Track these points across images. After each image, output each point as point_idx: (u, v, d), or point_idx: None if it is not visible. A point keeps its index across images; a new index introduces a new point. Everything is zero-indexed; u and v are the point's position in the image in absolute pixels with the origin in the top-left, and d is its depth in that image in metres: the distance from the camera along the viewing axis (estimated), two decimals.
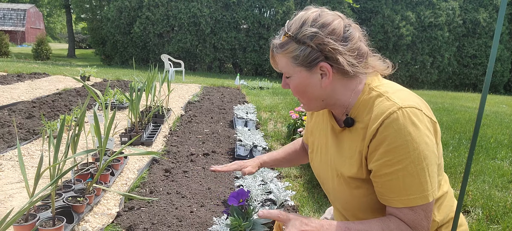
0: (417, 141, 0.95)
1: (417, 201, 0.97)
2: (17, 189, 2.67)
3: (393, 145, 0.96)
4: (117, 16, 16.77)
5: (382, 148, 0.98)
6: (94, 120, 2.40)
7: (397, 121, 0.96)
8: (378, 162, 0.99)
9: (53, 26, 48.87)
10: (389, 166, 0.97)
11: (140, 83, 4.77)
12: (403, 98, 1.01)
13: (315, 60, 1.04)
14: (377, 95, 1.05)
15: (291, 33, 1.06)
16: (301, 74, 1.07)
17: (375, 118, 1.00)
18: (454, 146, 4.59)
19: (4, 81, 7.38)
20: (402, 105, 0.98)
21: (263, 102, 7.31)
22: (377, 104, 1.03)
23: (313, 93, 1.10)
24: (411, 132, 0.95)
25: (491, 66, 0.98)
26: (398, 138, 0.95)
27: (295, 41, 1.05)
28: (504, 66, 19.09)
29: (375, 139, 0.99)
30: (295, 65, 1.07)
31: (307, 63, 1.05)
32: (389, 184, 0.99)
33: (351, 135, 1.10)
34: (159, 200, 2.56)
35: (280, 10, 16.56)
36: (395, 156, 0.96)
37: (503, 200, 2.96)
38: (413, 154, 0.95)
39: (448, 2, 18.23)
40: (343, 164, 1.11)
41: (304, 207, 2.69)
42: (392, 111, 0.97)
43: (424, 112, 1.00)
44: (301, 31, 1.04)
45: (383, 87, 1.07)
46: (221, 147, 4.03)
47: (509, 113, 7.96)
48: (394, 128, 0.96)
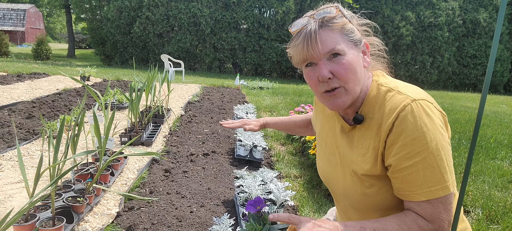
0: (433, 132, 0.95)
1: (439, 193, 0.95)
2: (17, 189, 2.67)
3: (411, 137, 0.95)
4: (117, 16, 16.77)
5: (400, 142, 0.97)
6: (93, 120, 2.40)
7: (412, 112, 0.96)
8: (396, 156, 0.98)
9: (53, 26, 48.87)
10: (408, 159, 0.96)
11: (140, 83, 4.77)
12: (414, 91, 1.01)
13: (360, 38, 1.07)
14: (387, 90, 1.05)
15: (340, 8, 1.06)
16: (353, 50, 1.04)
17: (390, 112, 0.99)
18: (454, 146, 4.59)
19: (4, 81, 7.38)
20: (415, 97, 0.98)
21: (263, 102, 7.31)
22: (389, 99, 1.02)
23: (360, 75, 1.06)
24: (427, 123, 0.95)
25: (491, 66, 0.98)
26: (415, 130, 0.95)
27: (344, 16, 1.05)
28: (504, 66, 19.09)
29: (391, 133, 0.98)
30: (348, 40, 1.04)
31: (357, 39, 1.06)
32: (409, 178, 0.97)
33: (363, 132, 1.09)
34: (159, 200, 2.56)
35: (280, 10, 16.56)
36: (414, 148, 0.95)
37: (503, 200, 2.96)
38: (431, 145, 0.94)
39: (448, 2, 18.23)
40: (356, 162, 1.10)
41: (304, 207, 2.69)
42: (406, 104, 0.97)
43: (435, 105, 1.01)
44: (345, 11, 1.07)
45: (391, 83, 1.07)
46: (221, 147, 4.03)
47: (509, 113, 7.96)
48: (410, 120, 0.95)
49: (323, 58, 1.02)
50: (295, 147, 4.29)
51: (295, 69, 16.47)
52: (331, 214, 1.56)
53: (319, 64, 1.03)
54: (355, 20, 1.09)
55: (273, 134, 4.84)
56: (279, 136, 4.72)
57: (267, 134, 4.82)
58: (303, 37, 1.03)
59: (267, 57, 17.29)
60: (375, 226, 0.98)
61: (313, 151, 3.33)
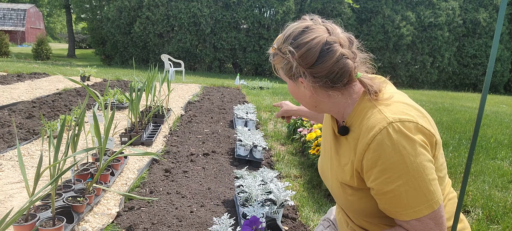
0: (413, 153, 0.93)
1: (424, 211, 0.96)
2: (17, 189, 2.67)
3: (389, 161, 0.94)
4: (117, 16, 16.78)
5: (378, 166, 0.96)
6: (93, 120, 2.40)
7: (389, 137, 0.94)
8: (377, 180, 0.98)
9: (53, 26, 48.88)
10: (389, 183, 0.96)
11: (140, 83, 4.77)
12: (395, 111, 0.99)
13: (295, 75, 1.09)
14: (371, 106, 1.04)
15: (276, 46, 1.11)
16: (289, 82, 1.14)
17: (366, 132, 0.99)
18: (454, 146, 4.59)
19: (4, 81, 7.38)
20: (393, 119, 0.96)
21: (263, 102, 7.31)
22: (369, 117, 1.01)
23: (304, 101, 1.15)
24: (406, 145, 0.93)
25: (491, 66, 0.98)
26: (393, 154, 0.94)
27: (280, 54, 1.10)
28: (504, 66, 19.10)
29: (367, 156, 0.98)
30: (283, 72, 1.13)
31: (290, 75, 1.11)
32: (393, 200, 0.97)
33: (346, 142, 1.10)
34: (159, 200, 2.56)
35: (280, 10, 16.57)
36: (394, 173, 0.94)
37: (503, 200, 2.96)
38: (412, 167, 0.93)
39: (448, 2, 18.23)
40: (338, 169, 1.13)
41: (304, 207, 2.69)
42: (382, 127, 0.95)
43: (420, 124, 0.97)
44: (283, 47, 1.08)
45: (380, 97, 1.05)
46: (221, 147, 4.03)
47: (509, 113, 7.96)
48: (386, 144, 0.94)
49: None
50: (295, 147, 4.29)
51: None
52: (331, 213, 1.56)
53: None
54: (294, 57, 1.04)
55: (273, 134, 4.85)
56: (279, 136, 4.72)
57: (267, 134, 4.82)
58: None
59: (267, 57, 17.16)
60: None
61: (313, 151, 3.33)
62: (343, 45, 1.04)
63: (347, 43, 1.05)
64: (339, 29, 1.07)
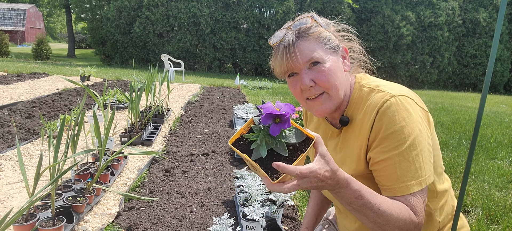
0: (411, 126, 0.96)
1: (414, 188, 0.97)
2: (17, 189, 2.67)
3: (389, 130, 0.97)
4: (117, 16, 16.77)
5: (380, 135, 0.99)
6: (93, 120, 2.40)
7: (390, 107, 0.98)
8: (375, 149, 1.01)
9: (53, 26, 48.87)
10: (385, 152, 0.98)
11: (140, 83, 4.77)
12: (394, 88, 1.04)
13: (338, 44, 1.09)
14: (369, 90, 1.07)
15: (315, 18, 1.06)
16: (332, 57, 1.06)
17: (371, 111, 1.02)
18: (454, 146, 4.59)
19: (4, 81, 7.38)
20: (395, 93, 1.00)
21: None
22: (370, 99, 1.05)
23: (342, 79, 1.08)
24: (405, 117, 0.97)
25: (491, 66, 0.98)
26: (394, 124, 0.97)
27: (320, 25, 1.07)
28: (504, 66, 19.09)
29: (372, 130, 1.01)
30: (325, 47, 1.05)
31: (334, 45, 1.07)
32: (386, 171, 0.99)
33: (348, 133, 1.11)
34: (159, 200, 2.56)
35: (280, 10, 16.56)
36: (391, 142, 0.97)
37: (503, 200, 2.96)
38: (409, 139, 0.96)
39: (448, 2, 18.23)
40: (343, 163, 1.13)
41: (304, 207, 2.69)
42: (385, 99, 0.99)
43: (416, 101, 1.02)
44: (320, 20, 1.08)
45: (373, 83, 1.09)
46: (221, 147, 4.03)
47: (509, 113, 7.96)
48: (388, 114, 0.98)
49: (304, 67, 1.04)
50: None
51: None
52: (330, 213, 1.56)
53: (301, 73, 1.05)
54: (332, 27, 1.11)
55: None
56: None
57: None
58: (282, 50, 1.05)
59: (267, 57, 17.23)
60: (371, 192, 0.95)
61: None
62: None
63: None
64: None
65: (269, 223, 2.27)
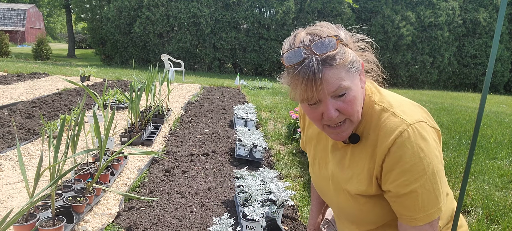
0: (429, 156, 0.95)
1: (434, 215, 0.97)
2: (17, 189, 2.67)
3: (409, 164, 0.94)
4: (117, 16, 16.77)
5: (398, 168, 0.96)
6: (93, 120, 2.40)
7: (409, 139, 0.94)
8: (395, 182, 0.98)
9: (53, 26, 48.88)
10: (406, 185, 0.96)
11: (140, 83, 4.77)
12: (409, 113, 0.99)
13: (359, 63, 1.00)
14: (381, 109, 1.03)
15: (340, 37, 0.95)
16: (355, 81, 0.98)
17: (386, 136, 0.98)
18: (454, 146, 4.59)
19: (4, 81, 7.38)
20: (411, 121, 0.97)
21: (263, 102, 7.31)
22: (384, 121, 1.00)
23: (361, 99, 1.02)
24: (423, 148, 0.94)
25: (491, 66, 0.98)
26: (413, 157, 0.94)
27: (345, 45, 0.97)
28: (504, 66, 19.09)
29: (388, 159, 0.97)
30: (351, 71, 0.95)
31: (357, 66, 0.98)
32: (408, 203, 0.98)
33: (357, 151, 1.07)
34: (159, 200, 2.56)
35: (280, 10, 16.56)
36: (412, 175, 0.95)
37: (503, 200, 2.96)
38: (428, 170, 0.94)
39: (448, 2, 18.23)
40: (349, 181, 1.09)
41: (304, 207, 2.69)
42: (402, 130, 0.96)
43: (429, 124, 1.00)
44: (341, 35, 0.97)
45: (385, 100, 1.05)
46: (221, 147, 4.03)
47: (509, 113, 7.96)
48: (407, 146, 0.94)
49: (329, 97, 0.95)
50: (295, 147, 4.28)
51: None
52: (330, 214, 1.56)
53: (325, 103, 0.96)
54: (351, 40, 1.02)
55: (273, 133, 4.85)
56: (279, 136, 4.72)
57: (267, 134, 4.82)
58: (305, 78, 0.91)
59: (267, 57, 17.28)
60: None
61: None
62: None
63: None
64: None
65: (269, 223, 2.27)
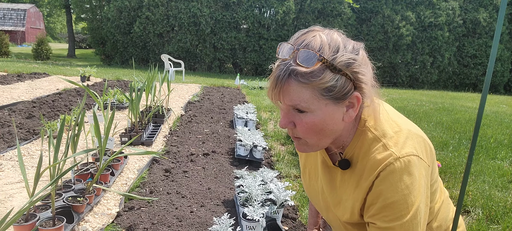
0: (414, 194, 0.91)
1: None
2: (17, 189, 2.67)
3: (391, 199, 0.92)
4: (117, 16, 16.77)
5: (379, 203, 0.93)
6: (93, 120, 2.40)
7: (393, 174, 0.91)
8: (375, 216, 0.96)
9: (53, 26, 48.89)
10: (386, 222, 0.94)
11: (140, 83, 4.77)
12: (401, 145, 0.94)
13: (349, 91, 0.89)
14: (374, 139, 0.97)
15: (327, 58, 0.85)
16: (327, 108, 0.89)
17: (371, 169, 0.94)
18: (454, 146, 4.59)
19: (4, 81, 7.38)
20: (400, 155, 0.92)
21: (263, 102, 7.31)
22: (373, 152, 0.95)
23: (332, 130, 0.94)
24: (409, 184, 0.91)
25: (491, 66, 0.98)
26: (396, 193, 0.91)
27: (331, 69, 0.86)
28: (504, 66, 19.09)
29: (371, 192, 0.95)
30: (323, 98, 0.88)
31: (341, 95, 0.88)
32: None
33: (346, 176, 1.03)
34: (159, 200, 2.56)
35: (280, 10, 16.56)
36: (393, 212, 0.92)
37: (503, 200, 2.96)
38: (412, 209, 0.92)
39: (448, 2, 18.22)
40: (337, 206, 1.08)
41: (304, 207, 2.69)
42: (388, 163, 0.91)
43: (421, 157, 0.95)
44: (338, 57, 0.86)
45: (379, 128, 0.98)
46: (221, 147, 4.03)
47: (509, 113, 7.96)
48: (390, 181, 0.91)
49: (288, 107, 0.92)
50: (295, 147, 4.28)
51: None
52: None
53: (283, 110, 0.94)
54: (350, 69, 0.88)
55: (273, 134, 4.85)
56: (279, 136, 4.72)
57: (267, 134, 4.82)
58: (273, 78, 0.91)
59: (267, 57, 17.28)
60: None
61: None
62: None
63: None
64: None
65: (269, 223, 2.27)
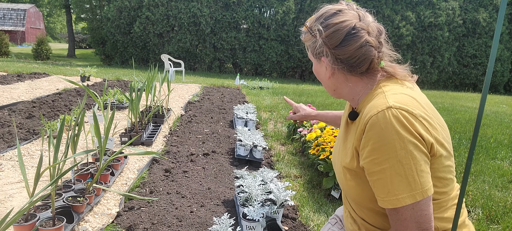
0: (404, 141, 0.94)
1: (405, 200, 0.95)
2: (17, 189, 2.67)
3: (379, 143, 0.97)
4: (117, 16, 16.77)
5: (369, 146, 0.99)
6: (93, 120, 2.40)
7: (384, 119, 0.97)
8: (367, 159, 1.01)
9: (53, 26, 48.89)
10: (376, 164, 0.98)
11: (140, 83, 4.77)
12: (398, 99, 1.01)
13: (319, 53, 1.14)
14: (380, 92, 1.07)
15: (308, 24, 1.17)
16: (314, 61, 1.21)
17: (366, 114, 1.03)
18: (454, 146, 4.59)
19: (4, 81, 7.38)
20: (392, 105, 0.98)
21: (263, 102, 7.31)
22: (372, 101, 1.06)
23: (324, 82, 1.21)
24: (399, 130, 0.95)
25: (491, 66, 0.98)
26: (384, 137, 0.96)
27: (309, 32, 1.16)
28: (504, 66, 19.09)
29: (364, 136, 1.02)
30: (310, 53, 1.20)
31: (315, 54, 1.17)
32: (378, 183, 0.99)
33: (351, 126, 1.15)
34: (159, 200, 2.56)
35: (280, 10, 16.56)
36: (382, 154, 0.96)
37: (503, 200, 2.96)
38: (400, 153, 0.94)
39: (448, 2, 18.22)
40: (341, 152, 1.19)
41: (304, 207, 2.69)
42: (380, 109, 0.99)
43: (417, 115, 0.98)
44: (313, 25, 1.14)
45: (388, 87, 1.08)
46: (221, 147, 4.03)
47: (509, 113, 7.96)
48: (380, 126, 0.97)
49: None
50: (295, 147, 4.29)
51: (295, 69, 16.32)
52: (339, 211, 1.57)
53: None
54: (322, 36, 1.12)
55: (273, 134, 4.85)
56: (279, 136, 4.72)
57: (267, 134, 4.82)
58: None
59: (267, 57, 17.28)
60: None
61: (313, 151, 3.33)
62: (370, 33, 1.08)
63: (375, 32, 1.10)
64: (370, 18, 1.12)
65: (269, 223, 2.27)
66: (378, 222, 1.13)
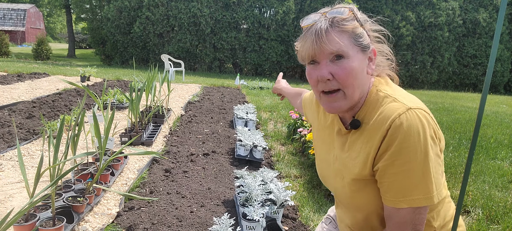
0: (424, 143, 0.95)
1: (422, 202, 0.97)
2: (17, 189, 2.67)
3: (402, 145, 0.95)
4: (117, 16, 16.77)
5: (392, 148, 0.97)
6: (93, 120, 2.40)
7: (407, 121, 0.96)
8: (386, 162, 0.99)
9: (53, 26, 48.89)
10: (396, 166, 0.97)
11: (140, 83, 4.77)
12: (411, 100, 1.02)
13: (369, 44, 1.06)
14: (384, 96, 1.05)
15: (355, 13, 1.05)
16: (358, 55, 1.03)
17: (384, 119, 0.99)
18: (454, 146, 4.59)
19: (4, 81, 7.38)
20: (411, 106, 0.98)
21: (263, 102, 7.31)
22: (385, 105, 1.02)
23: (361, 81, 1.05)
24: (420, 132, 0.95)
25: (491, 66, 0.98)
26: (407, 139, 0.95)
27: (356, 19, 1.04)
28: (504, 66, 19.08)
29: (385, 140, 0.99)
30: (355, 45, 1.02)
31: (365, 44, 1.04)
32: (396, 184, 0.98)
33: (356, 136, 1.09)
34: (159, 200, 2.56)
35: (280, 10, 16.55)
36: (403, 156, 0.96)
37: (503, 200, 2.96)
38: (421, 156, 0.95)
39: (448, 2, 18.22)
40: (346, 165, 1.12)
41: (304, 207, 2.69)
42: (401, 112, 0.97)
43: (431, 116, 1.01)
44: (358, 13, 1.06)
45: (389, 90, 1.07)
46: (221, 147, 4.03)
47: (509, 113, 7.96)
48: (404, 128, 0.95)
49: (326, 58, 1.02)
50: (295, 147, 4.29)
51: (295, 69, 16.25)
52: (332, 210, 1.57)
53: (321, 63, 1.03)
54: (368, 25, 1.09)
55: (273, 134, 4.85)
56: (279, 136, 4.72)
57: (267, 134, 4.82)
58: (311, 34, 1.03)
59: (267, 57, 17.28)
60: None
61: (313, 151, 3.33)
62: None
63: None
64: None
65: (269, 223, 2.27)
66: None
